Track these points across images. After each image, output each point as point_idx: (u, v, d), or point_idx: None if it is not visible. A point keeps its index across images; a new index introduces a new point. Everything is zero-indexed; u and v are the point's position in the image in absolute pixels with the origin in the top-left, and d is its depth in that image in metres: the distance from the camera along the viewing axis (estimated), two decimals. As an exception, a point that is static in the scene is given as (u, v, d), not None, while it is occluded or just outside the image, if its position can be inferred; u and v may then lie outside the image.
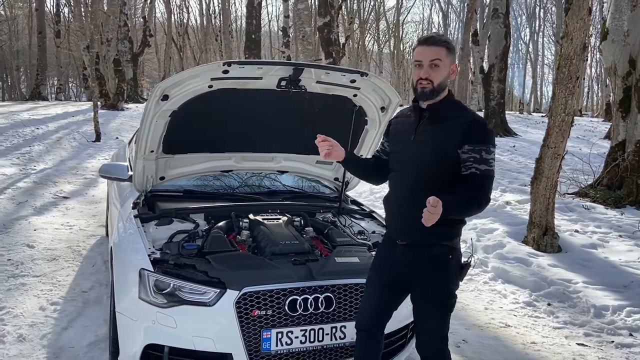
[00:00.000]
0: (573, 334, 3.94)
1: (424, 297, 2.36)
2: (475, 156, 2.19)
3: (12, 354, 3.21)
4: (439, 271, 2.32)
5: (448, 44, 2.28)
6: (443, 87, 2.28)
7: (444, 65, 2.25)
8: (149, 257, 2.74)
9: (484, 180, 2.20)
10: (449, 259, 2.32)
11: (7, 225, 5.68)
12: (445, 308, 2.35)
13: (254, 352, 2.62)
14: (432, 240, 2.29)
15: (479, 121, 2.27)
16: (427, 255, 2.31)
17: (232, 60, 2.91)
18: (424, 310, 2.37)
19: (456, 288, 2.38)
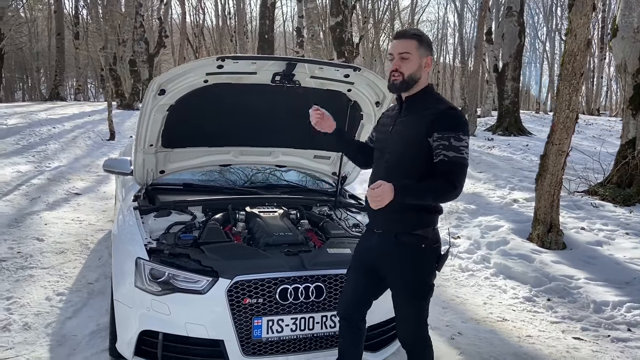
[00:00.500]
0: (570, 328, 3.94)
1: (397, 286, 2.41)
2: (444, 143, 2.21)
3: (17, 341, 3.33)
4: (411, 260, 2.35)
5: (420, 38, 2.34)
6: (414, 79, 2.33)
7: (413, 58, 2.31)
8: (145, 247, 2.83)
9: (452, 167, 2.20)
10: (422, 247, 2.33)
11: (19, 219, 5.83)
12: (419, 297, 2.38)
13: (245, 339, 2.69)
14: (403, 229, 2.34)
15: (450, 110, 2.29)
16: (399, 244, 2.35)
17: (226, 55, 2.98)
18: (398, 298, 2.43)
19: (432, 277, 2.41)
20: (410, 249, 2.34)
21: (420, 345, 2.45)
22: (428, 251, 2.36)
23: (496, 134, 16.43)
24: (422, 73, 2.35)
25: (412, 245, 2.33)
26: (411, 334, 2.43)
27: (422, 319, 2.42)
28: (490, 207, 7.48)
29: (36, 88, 42.50)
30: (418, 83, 2.37)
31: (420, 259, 2.35)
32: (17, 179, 8.05)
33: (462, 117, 2.30)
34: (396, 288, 2.42)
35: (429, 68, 2.38)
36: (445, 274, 5.11)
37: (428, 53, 2.36)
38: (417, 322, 2.41)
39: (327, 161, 4.01)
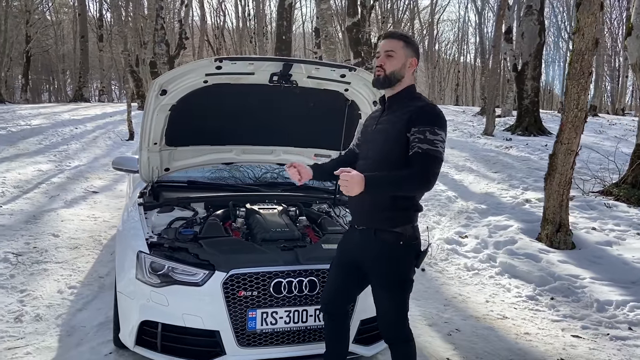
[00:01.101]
0: (570, 326, 3.95)
1: (377, 281, 2.48)
2: (419, 137, 2.27)
3: (28, 332, 3.48)
4: (389, 256, 2.41)
5: (406, 39, 2.45)
6: (397, 77, 2.42)
7: (398, 57, 2.41)
8: (146, 241, 2.96)
9: (424, 158, 2.24)
10: (399, 244, 2.39)
11: (37, 216, 6.04)
12: (398, 291, 2.44)
13: (240, 330, 2.79)
14: (381, 226, 2.41)
15: (427, 106, 2.36)
16: (378, 240, 2.42)
17: (224, 56, 3.09)
18: (377, 293, 2.50)
19: (410, 273, 2.46)
20: (388, 245, 2.40)
21: (401, 339, 2.49)
22: (406, 248, 2.41)
23: (515, 134, 16.27)
24: (405, 72, 2.44)
25: (391, 241, 2.39)
26: (392, 328, 2.49)
27: (401, 314, 2.47)
28: (502, 207, 7.46)
29: (62, 89, 43.44)
30: (401, 82, 2.45)
31: (399, 255, 2.41)
32: (38, 177, 8.31)
33: (438, 112, 2.35)
34: (375, 283, 2.48)
35: (413, 69, 2.47)
36: (449, 273, 5.15)
37: (413, 55, 2.46)
38: (397, 316, 2.47)
39: (327, 160, 4.08)
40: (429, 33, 39.53)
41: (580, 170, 9.29)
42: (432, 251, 5.77)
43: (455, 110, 27.32)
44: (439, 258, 5.55)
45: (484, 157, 11.64)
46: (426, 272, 5.12)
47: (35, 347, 3.26)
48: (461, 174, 10.06)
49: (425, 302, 4.33)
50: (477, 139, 14.99)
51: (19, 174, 8.34)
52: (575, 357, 3.41)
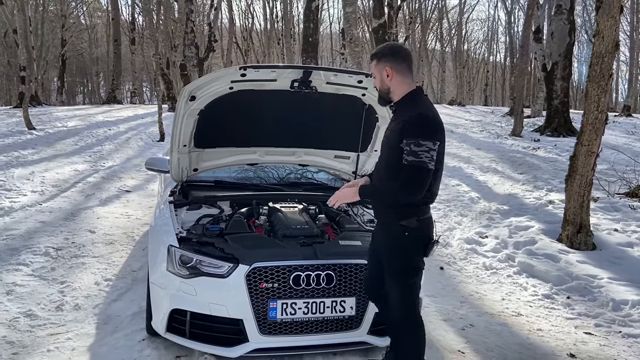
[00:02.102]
0: (584, 324, 4.05)
1: (386, 267, 2.72)
2: (407, 149, 2.44)
3: (68, 319, 3.77)
4: (396, 246, 2.64)
5: (375, 56, 2.69)
6: (385, 90, 2.67)
7: (376, 75, 2.70)
8: (176, 236, 3.20)
9: (408, 170, 2.43)
10: (405, 235, 2.60)
11: (74, 214, 6.39)
12: (404, 278, 2.65)
13: (262, 319, 3.00)
14: (389, 220, 2.67)
15: (413, 118, 2.48)
16: (387, 232, 2.70)
17: (248, 64, 3.31)
18: (387, 280, 2.73)
19: (416, 261, 2.66)
20: (395, 236, 2.63)
21: (407, 325, 2.68)
22: (412, 238, 2.61)
23: (544, 134, 16.13)
24: (387, 82, 2.63)
25: (397, 233, 2.62)
26: (398, 313, 2.69)
27: (409, 299, 2.68)
28: (524, 208, 7.51)
29: (95, 92, 44.68)
30: (393, 91, 2.64)
31: (404, 245, 2.62)
32: (75, 177, 8.72)
33: (423, 124, 2.46)
34: (385, 270, 2.72)
35: (394, 76, 2.60)
36: (467, 272, 5.27)
37: (385, 63, 2.62)
38: (404, 301, 2.67)
39: (347, 161, 4.28)
40: (457, 32, 39.29)
41: (607, 172, 9.25)
42: (452, 250, 5.90)
43: (484, 110, 27.15)
44: (458, 257, 5.67)
45: (510, 158, 11.63)
46: (445, 271, 5.26)
47: (75, 334, 3.54)
48: (486, 175, 10.10)
49: (442, 299, 4.47)
50: (505, 139, 14.93)
51: (57, 173, 8.76)
52: (585, 352, 3.52)
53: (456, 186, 9.01)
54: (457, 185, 9.11)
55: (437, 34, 41.02)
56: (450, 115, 22.48)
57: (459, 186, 9.04)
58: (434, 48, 42.16)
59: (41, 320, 3.72)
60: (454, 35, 40.26)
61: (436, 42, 41.70)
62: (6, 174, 8.27)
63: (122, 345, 3.37)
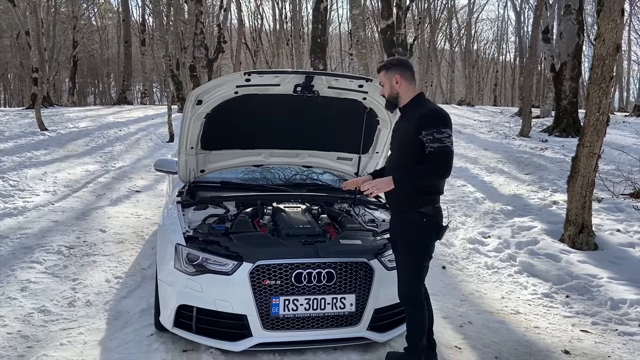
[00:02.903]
0: (581, 322, 4.13)
1: (401, 248, 3.05)
2: (429, 137, 2.78)
3: (80, 315, 3.92)
4: (414, 230, 2.96)
5: (384, 66, 3.08)
6: (394, 96, 3.05)
7: (385, 83, 3.07)
8: (183, 235, 3.33)
9: (437, 155, 2.76)
10: (423, 221, 2.93)
11: (86, 213, 6.56)
12: (415, 257, 2.99)
13: (265, 314, 3.13)
14: (408, 208, 2.96)
15: (430, 111, 2.88)
16: (406, 219, 2.99)
17: (252, 70, 3.44)
18: (398, 259, 3.08)
19: (430, 245, 3.00)
20: (413, 222, 2.94)
21: (409, 302, 3.03)
22: (428, 224, 2.95)
23: (552, 135, 16.12)
24: (397, 89, 3.02)
25: (415, 220, 2.94)
26: (405, 292, 3.03)
27: (414, 279, 3.00)
28: (529, 208, 7.58)
29: (106, 92, 45.12)
30: (400, 96, 3.04)
31: (421, 230, 2.95)
32: (86, 177, 8.91)
33: (440, 115, 2.86)
34: (400, 251, 3.04)
35: (401, 83, 3.01)
36: (469, 271, 5.37)
37: (395, 72, 3.02)
38: (410, 282, 3.00)
39: (350, 162, 4.40)
40: (466, 32, 39.24)
41: (613, 172, 9.29)
42: (454, 250, 6.00)
43: (493, 111, 27.13)
44: (460, 257, 5.77)
45: (517, 158, 11.67)
46: (447, 270, 5.36)
47: (86, 328, 3.68)
48: (492, 175, 10.16)
49: (443, 298, 4.57)
50: (512, 140, 14.96)
51: (68, 174, 8.97)
52: (580, 349, 3.61)
53: (462, 187, 9.09)
54: (463, 185, 9.19)
55: (446, 34, 41.00)
56: (458, 116, 22.51)
57: (465, 187, 9.12)
58: (443, 48, 42.15)
59: (54, 316, 3.87)
60: (463, 35, 40.22)
61: (445, 42, 41.67)
62: (19, 175, 8.48)
63: (132, 340, 3.50)
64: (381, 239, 3.51)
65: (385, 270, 3.31)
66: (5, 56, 37.83)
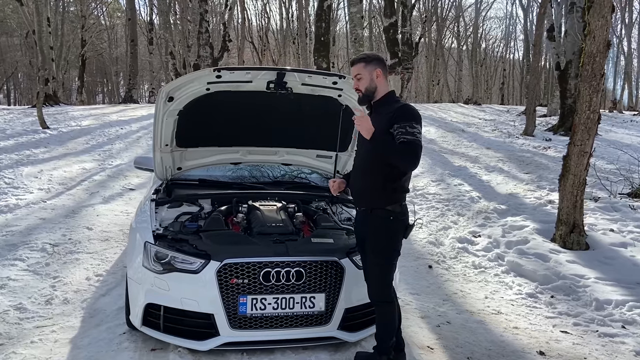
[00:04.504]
0: (563, 323, 4.07)
1: (369, 248, 3.02)
2: (401, 130, 2.79)
3: (56, 313, 3.91)
4: (382, 228, 2.95)
5: (365, 59, 3.00)
6: (371, 90, 3.00)
7: (364, 76, 2.99)
8: (153, 233, 3.31)
9: (410, 145, 2.76)
10: (390, 219, 2.94)
11: (75, 211, 6.58)
12: (384, 257, 2.97)
13: (232, 314, 3.10)
14: (376, 205, 2.96)
15: (404, 107, 2.91)
16: (373, 216, 2.98)
17: (222, 67, 3.41)
18: (368, 260, 3.04)
19: (398, 243, 3.00)
20: (381, 219, 2.94)
21: (381, 301, 3.01)
22: (396, 222, 2.95)
23: (557, 134, 15.97)
24: (376, 83, 2.99)
25: (383, 217, 2.94)
26: (375, 290, 3.01)
27: (385, 279, 2.99)
28: (523, 207, 7.49)
29: (115, 91, 45.38)
30: (377, 91, 3.02)
31: (389, 228, 2.95)
32: (81, 175, 8.94)
33: (413, 111, 2.88)
34: (369, 250, 3.01)
35: (381, 77, 3.00)
36: (455, 270, 5.31)
37: (376, 66, 2.99)
38: (380, 280, 2.98)
39: (330, 160, 4.35)
40: (474, 31, 39.01)
41: (615, 172, 9.17)
42: (443, 249, 5.93)
43: (500, 109, 26.90)
44: (448, 256, 5.71)
45: (518, 157, 11.56)
46: (433, 270, 5.31)
47: (60, 327, 3.67)
48: (490, 174, 10.07)
49: (425, 297, 4.52)
50: (516, 139, 14.82)
51: (64, 172, 9.00)
52: (555, 350, 3.54)
53: (458, 186, 9.01)
54: (459, 184, 9.10)
55: (453, 32, 40.78)
56: (464, 115, 22.34)
57: (461, 186, 9.03)
58: (451, 46, 41.92)
59: (30, 314, 3.87)
60: (471, 34, 39.97)
61: (453, 41, 41.44)
62: (15, 172, 8.51)
63: (104, 338, 3.49)
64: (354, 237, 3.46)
65: (357, 269, 3.26)
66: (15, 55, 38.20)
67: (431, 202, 8.08)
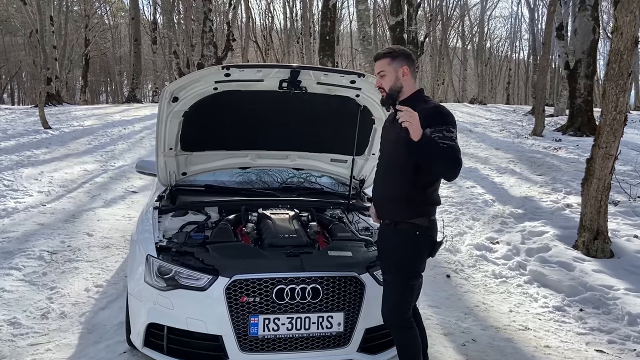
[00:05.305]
0: (596, 340, 3.78)
1: (388, 264, 2.70)
2: (439, 135, 2.44)
3: (52, 328, 3.65)
4: (405, 243, 2.62)
5: (391, 54, 2.66)
6: (396, 89, 2.65)
7: (388, 73, 2.65)
8: (155, 245, 3.03)
9: (452, 151, 2.42)
10: (416, 235, 2.60)
11: (75, 215, 6.31)
12: (404, 276, 2.64)
13: (242, 335, 2.82)
14: (401, 217, 2.63)
15: (438, 108, 2.56)
16: (397, 230, 2.64)
17: (231, 64, 3.13)
18: (386, 277, 2.71)
19: (420, 262, 2.67)
20: (406, 234, 2.61)
21: (395, 326, 2.67)
22: (421, 237, 2.61)
23: (566, 134, 15.66)
24: (401, 82, 2.65)
25: (408, 231, 2.61)
26: (391, 312, 2.66)
27: (402, 300, 2.65)
28: (540, 211, 7.20)
29: (118, 91, 45.17)
30: (403, 91, 2.67)
31: (413, 244, 2.62)
32: (83, 177, 8.68)
33: (448, 114, 2.54)
34: (387, 267, 2.69)
35: (408, 76, 2.66)
36: (475, 280, 5.02)
37: (403, 63, 2.65)
38: (398, 301, 2.65)
39: (344, 164, 4.07)
40: (479, 30, 38.66)
41: (630, 174, 8.86)
42: (460, 257, 5.65)
43: (506, 109, 26.57)
44: (466, 264, 5.42)
45: (529, 158, 11.27)
46: (451, 279, 5.02)
47: (55, 344, 3.41)
48: (502, 176, 9.78)
49: (446, 310, 4.24)
50: (525, 139, 14.52)
51: (65, 173, 8.73)
52: (594, 374, 3.27)
53: (470, 188, 8.72)
54: (472, 187, 8.81)
55: (458, 32, 40.44)
56: (470, 114, 22.02)
57: (474, 188, 8.74)
58: (456, 46, 41.57)
59: (24, 329, 3.60)
60: (476, 33, 39.63)
61: (458, 40, 41.10)
62: (15, 174, 8.26)
63: (103, 358, 3.23)
64: (375, 249, 3.17)
65: (378, 285, 2.96)
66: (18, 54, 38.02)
67: (444, 205, 7.78)
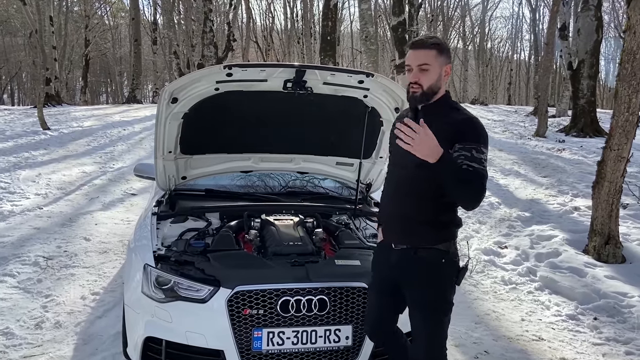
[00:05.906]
0: (613, 351, 3.63)
1: (415, 302, 2.32)
2: (466, 154, 2.07)
3: (46, 339, 3.49)
4: (431, 275, 2.26)
5: (439, 46, 2.20)
6: (434, 90, 2.21)
7: (433, 68, 2.18)
8: (153, 254, 2.88)
9: (477, 175, 2.05)
10: (442, 262, 2.25)
11: (72, 219, 6.16)
12: (438, 314, 2.28)
13: (245, 350, 2.66)
14: (423, 243, 2.26)
15: (472, 122, 2.16)
16: (418, 259, 2.27)
17: (233, 63, 2.98)
18: (415, 315, 2.33)
19: (451, 293, 2.32)
20: (430, 263, 2.25)
21: None
22: (448, 266, 2.27)
23: (569, 135, 15.53)
24: (441, 82, 2.23)
25: (432, 260, 2.25)
26: (425, 354, 2.30)
27: (438, 339, 2.31)
28: (548, 214, 7.05)
29: (118, 91, 45.03)
30: (438, 92, 2.25)
31: (440, 274, 2.27)
32: (81, 179, 8.53)
33: (483, 128, 2.16)
34: (414, 304, 2.33)
35: (448, 77, 2.27)
36: (484, 287, 4.87)
37: (447, 61, 2.24)
38: (433, 341, 2.30)
39: (350, 168, 3.92)
40: (480, 30, 38.52)
41: (637, 175, 8.71)
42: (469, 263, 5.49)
43: (507, 110, 26.43)
44: (474, 270, 5.27)
45: (533, 160, 11.13)
46: (459, 286, 4.86)
47: (49, 356, 3.26)
48: (507, 178, 9.64)
49: (455, 319, 4.03)
50: (528, 140, 14.39)
51: (63, 175, 8.59)
52: (615, 389, 3.11)
53: (475, 190, 8.56)
54: (477, 189, 8.65)
55: (459, 32, 40.31)
56: (472, 115, 21.88)
57: (479, 190, 8.58)
58: (457, 46, 41.43)
59: (17, 340, 3.45)
60: (477, 33, 39.48)
61: (459, 40, 40.97)
62: (12, 176, 8.12)
63: (98, 372, 3.08)
64: None
65: (388, 296, 2.82)
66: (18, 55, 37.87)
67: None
